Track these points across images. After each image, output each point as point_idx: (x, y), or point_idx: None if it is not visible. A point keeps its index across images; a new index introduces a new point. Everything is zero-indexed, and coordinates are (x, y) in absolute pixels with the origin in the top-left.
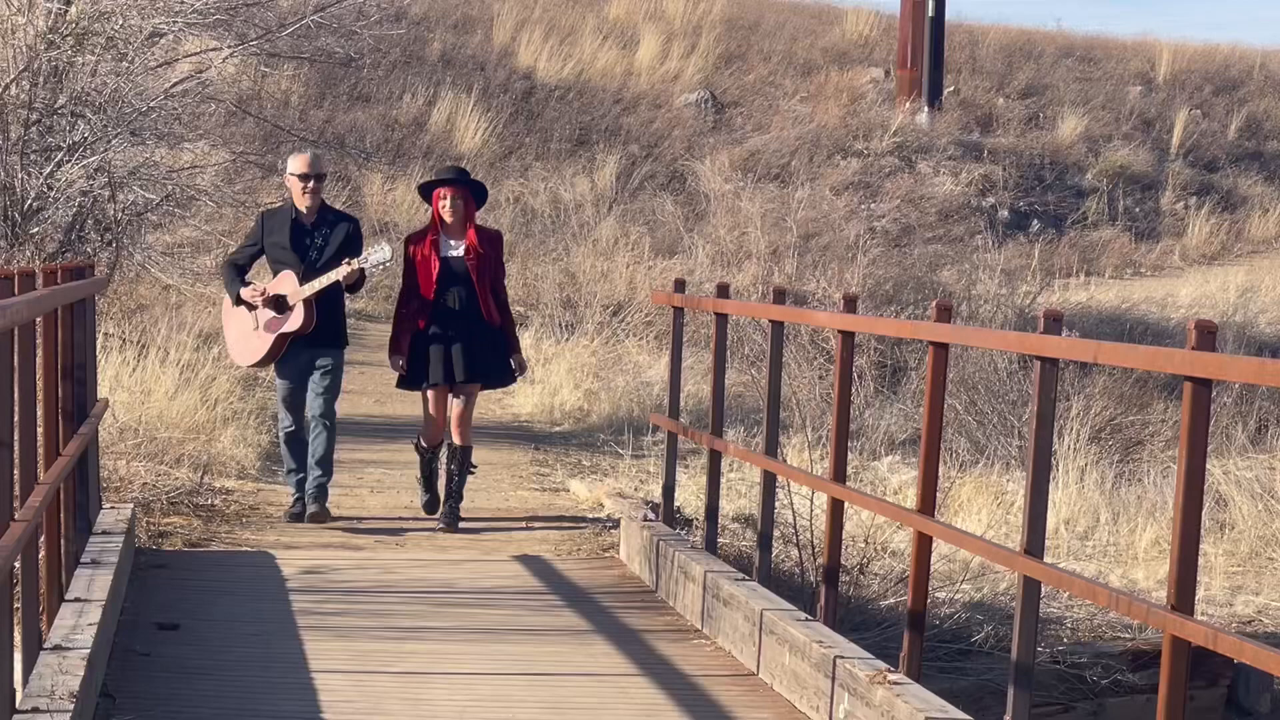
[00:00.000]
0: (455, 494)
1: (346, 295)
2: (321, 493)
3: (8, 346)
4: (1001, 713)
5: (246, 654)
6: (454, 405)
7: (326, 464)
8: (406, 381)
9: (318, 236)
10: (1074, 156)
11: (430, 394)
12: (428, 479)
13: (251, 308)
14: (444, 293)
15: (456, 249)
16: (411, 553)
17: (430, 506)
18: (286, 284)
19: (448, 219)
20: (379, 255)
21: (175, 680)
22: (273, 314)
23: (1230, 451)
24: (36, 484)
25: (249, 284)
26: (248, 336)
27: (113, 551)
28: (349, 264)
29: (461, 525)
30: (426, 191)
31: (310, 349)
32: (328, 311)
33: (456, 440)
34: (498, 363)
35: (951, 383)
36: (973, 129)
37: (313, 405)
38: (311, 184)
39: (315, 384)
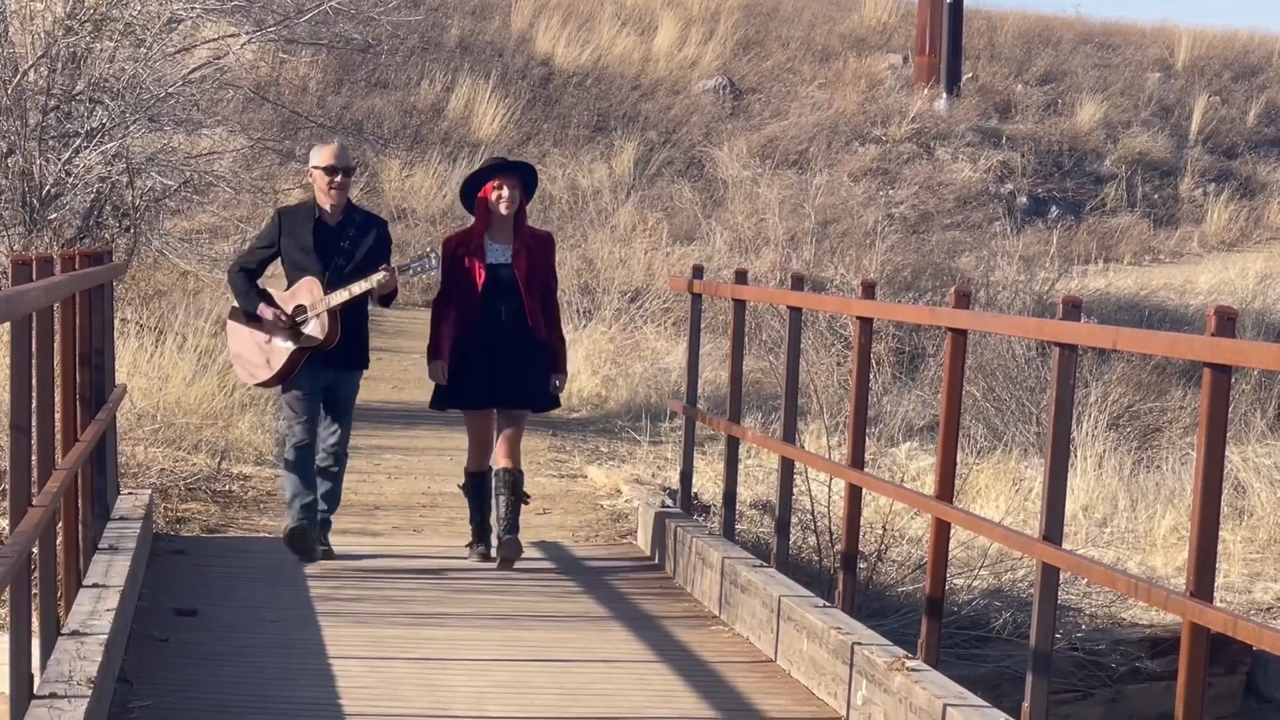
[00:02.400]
0: (512, 521)
1: (376, 307)
2: (325, 526)
3: (26, 332)
4: (1020, 699)
5: (264, 640)
6: (502, 430)
7: (334, 499)
8: (445, 401)
9: (344, 240)
10: (1092, 143)
11: (473, 417)
12: (480, 523)
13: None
14: (489, 305)
15: (504, 255)
16: (429, 539)
17: (486, 551)
18: (308, 292)
19: (504, 211)
20: (421, 264)
21: (193, 666)
22: (291, 325)
23: (1249, 438)
24: (54, 469)
25: (266, 293)
26: (259, 350)
27: (130, 537)
28: (386, 270)
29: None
30: (472, 188)
31: (329, 368)
32: (352, 326)
33: (505, 464)
34: (543, 385)
35: (970, 369)
36: (991, 115)
37: (325, 440)
38: (339, 178)
39: (332, 418)
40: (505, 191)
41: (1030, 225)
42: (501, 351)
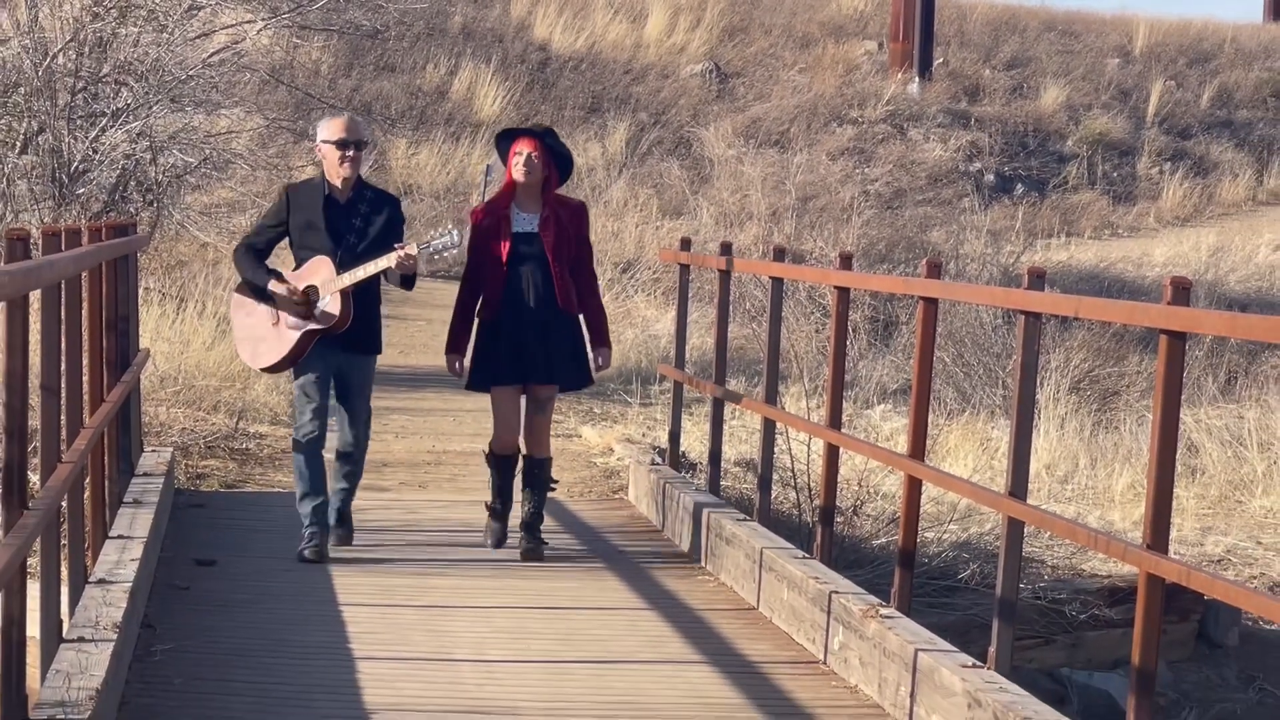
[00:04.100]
0: (535, 514)
1: (392, 287)
2: (347, 504)
3: (55, 299)
4: (986, 644)
5: (279, 588)
6: (530, 414)
7: (355, 475)
8: (475, 381)
9: (356, 217)
10: (1056, 124)
11: (499, 394)
12: (499, 504)
13: (273, 300)
14: (515, 276)
15: (530, 224)
16: (433, 494)
17: (498, 538)
18: (320, 272)
19: (520, 178)
20: (444, 240)
21: (213, 612)
22: (304, 302)
23: (1201, 401)
24: (82, 428)
25: (276, 273)
26: (265, 333)
27: (154, 492)
28: (402, 250)
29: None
30: (504, 146)
31: (341, 352)
32: (364, 309)
33: (532, 451)
34: (574, 362)
35: (940, 336)
36: (961, 98)
37: (343, 427)
38: (351, 152)
39: (347, 404)
40: (522, 158)
41: (997, 201)
42: (528, 325)
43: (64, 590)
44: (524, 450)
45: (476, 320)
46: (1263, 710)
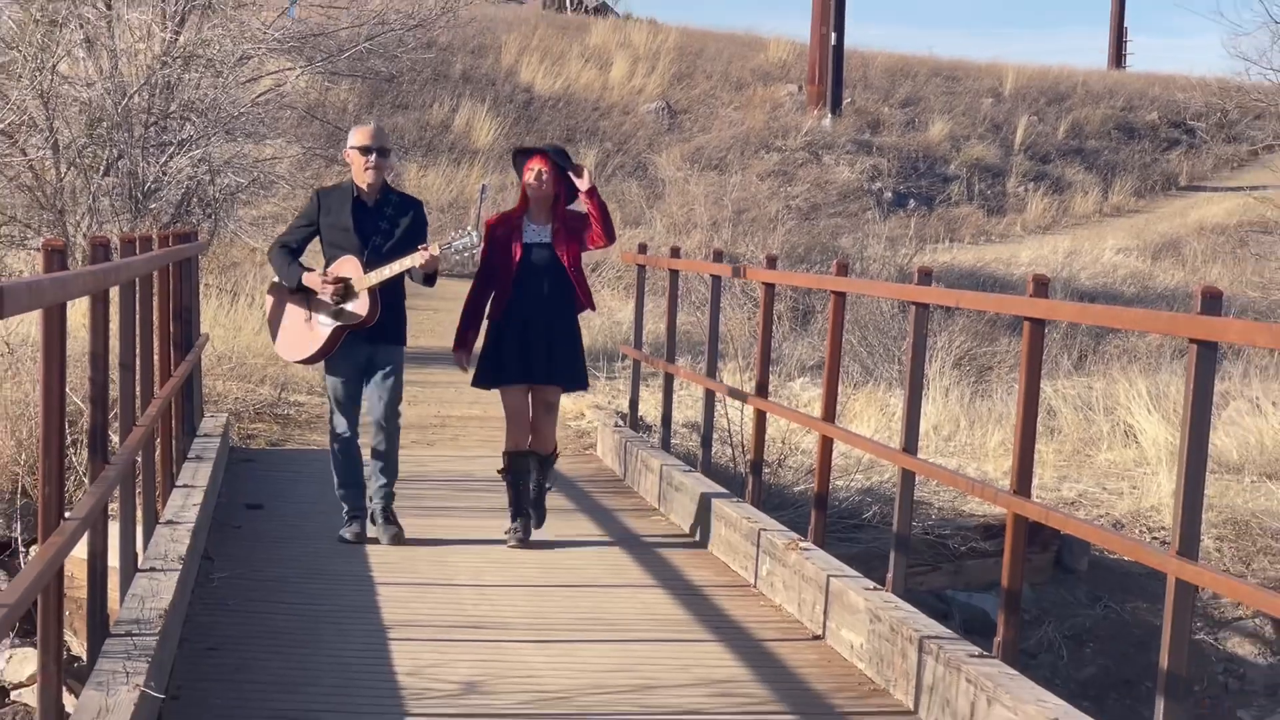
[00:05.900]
0: (538, 501)
1: (418, 285)
2: (389, 500)
3: (132, 293)
4: (885, 572)
5: (315, 528)
6: (536, 413)
7: (391, 469)
8: (480, 379)
9: (382, 219)
10: (941, 151)
11: (509, 394)
12: (517, 501)
13: (309, 295)
14: (524, 283)
15: (541, 235)
16: (438, 450)
17: (522, 534)
18: (348, 270)
19: (530, 192)
20: (463, 241)
21: (261, 547)
22: (331, 303)
23: (1058, 375)
24: (153, 398)
25: (310, 269)
26: (298, 328)
27: (212, 449)
28: (425, 250)
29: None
30: (520, 162)
31: (369, 344)
32: (390, 304)
33: (535, 448)
34: (573, 366)
35: (848, 322)
36: (865, 130)
37: (375, 409)
38: (374, 158)
39: (377, 386)
40: (532, 175)
41: (894, 214)
42: (534, 329)
43: (139, 529)
44: (531, 446)
45: (486, 321)
46: (1107, 623)
